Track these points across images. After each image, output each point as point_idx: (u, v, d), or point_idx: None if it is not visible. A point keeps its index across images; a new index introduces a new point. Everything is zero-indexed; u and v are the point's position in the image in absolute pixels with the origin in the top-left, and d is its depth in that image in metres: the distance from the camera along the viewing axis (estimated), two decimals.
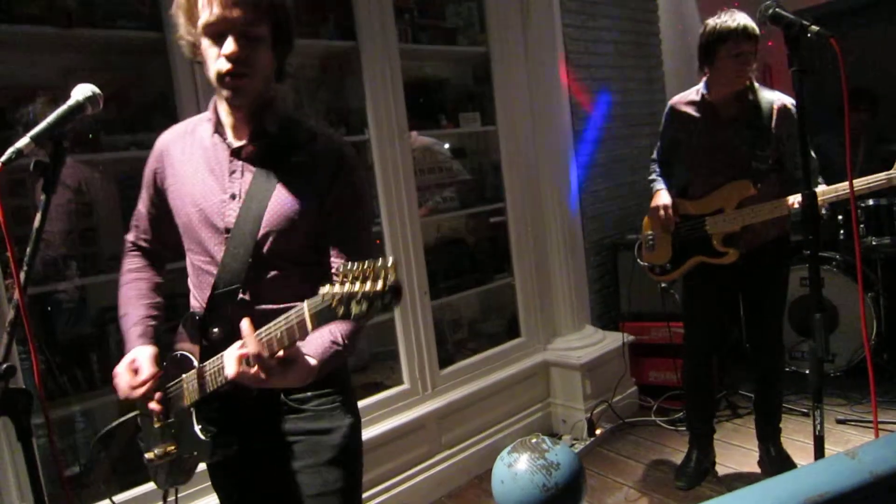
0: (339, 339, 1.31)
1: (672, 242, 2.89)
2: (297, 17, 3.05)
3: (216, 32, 1.28)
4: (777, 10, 1.66)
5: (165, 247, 1.65)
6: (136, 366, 1.43)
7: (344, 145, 1.44)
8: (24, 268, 1.12)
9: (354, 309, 0.97)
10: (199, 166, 1.44)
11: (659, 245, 2.95)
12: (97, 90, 1.26)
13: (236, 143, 1.42)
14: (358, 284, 0.97)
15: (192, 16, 1.30)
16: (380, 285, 0.96)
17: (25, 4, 2.21)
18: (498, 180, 3.68)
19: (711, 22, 2.53)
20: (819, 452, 1.73)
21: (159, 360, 1.46)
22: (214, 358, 1.33)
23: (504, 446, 3.38)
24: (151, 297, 1.59)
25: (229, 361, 1.20)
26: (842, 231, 3.91)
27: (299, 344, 1.20)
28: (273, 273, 1.41)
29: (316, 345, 1.28)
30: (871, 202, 3.79)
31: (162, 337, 1.56)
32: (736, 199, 2.65)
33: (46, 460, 1.90)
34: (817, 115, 3.17)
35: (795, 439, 3.17)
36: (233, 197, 1.40)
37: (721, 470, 3.04)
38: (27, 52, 2.42)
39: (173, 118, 2.44)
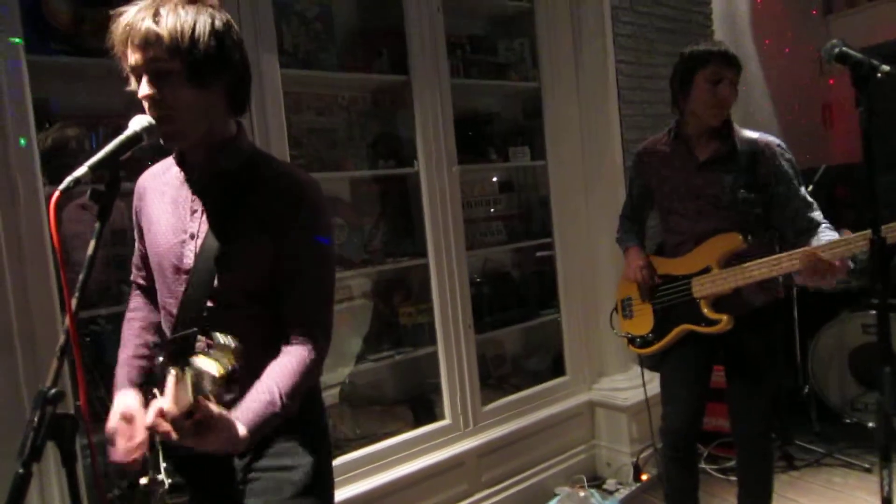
0: (277, 401, 1.26)
1: (653, 309, 2.52)
2: (352, 52, 3.06)
3: (136, 76, 1.31)
4: (843, 49, 1.59)
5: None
6: (129, 414, 1.43)
7: (307, 186, 1.39)
8: (76, 293, 1.13)
9: (210, 387, 1.04)
10: (167, 206, 1.44)
11: (638, 312, 2.58)
12: (153, 120, 1.29)
13: (198, 182, 1.41)
14: (215, 365, 1.04)
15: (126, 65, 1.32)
16: (221, 371, 1.04)
17: (93, 39, 2.29)
18: (545, 215, 3.65)
19: (689, 49, 2.31)
20: None
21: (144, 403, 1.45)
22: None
23: (546, 487, 3.32)
24: (142, 337, 1.61)
25: (150, 412, 1.14)
26: None
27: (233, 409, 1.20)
28: (233, 313, 1.38)
29: (249, 410, 1.23)
30: None
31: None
32: (722, 254, 2.29)
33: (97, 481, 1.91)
34: (885, 154, 3.05)
35: (857, 496, 3.00)
36: (192, 237, 1.39)
37: None
38: (94, 83, 2.51)
39: None
